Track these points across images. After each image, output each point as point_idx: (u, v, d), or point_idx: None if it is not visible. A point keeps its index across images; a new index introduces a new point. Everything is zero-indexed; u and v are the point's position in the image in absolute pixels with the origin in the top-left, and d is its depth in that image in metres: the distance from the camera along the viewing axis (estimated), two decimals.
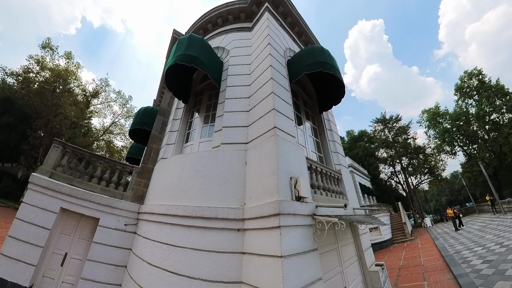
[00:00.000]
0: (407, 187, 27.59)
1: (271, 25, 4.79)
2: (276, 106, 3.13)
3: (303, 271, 2.16)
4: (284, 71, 4.17)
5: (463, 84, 25.71)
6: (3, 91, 12.69)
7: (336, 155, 5.33)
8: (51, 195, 3.94)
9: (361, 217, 3.67)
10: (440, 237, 12.95)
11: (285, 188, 2.46)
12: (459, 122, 25.15)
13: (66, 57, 16.31)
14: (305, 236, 2.42)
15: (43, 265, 3.70)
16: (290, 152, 2.86)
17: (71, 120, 13.33)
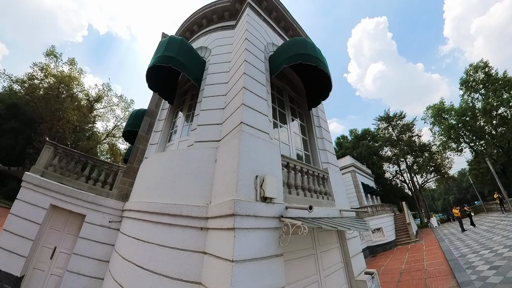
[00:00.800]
0: (413, 186, 26.84)
1: (251, 20, 4.80)
2: (246, 101, 3.13)
3: (259, 278, 2.03)
4: (263, 66, 4.15)
5: (468, 77, 24.59)
6: (10, 97, 13.91)
7: (324, 153, 5.18)
8: (42, 192, 4.26)
9: (339, 220, 3.35)
10: (445, 238, 12.41)
11: (247, 187, 2.41)
12: (465, 117, 24.08)
13: (70, 64, 17.51)
14: (268, 240, 2.31)
15: (34, 258, 3.97)
16: (259, 149, 2.81)
17: (74, 124, 14.32)
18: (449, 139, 25.16)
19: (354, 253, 4.26)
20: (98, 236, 4.24)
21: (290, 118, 5.06)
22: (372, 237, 14.82)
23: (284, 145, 4.38)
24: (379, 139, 28.07)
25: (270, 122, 3.47)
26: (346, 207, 4.74)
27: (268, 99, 3.77)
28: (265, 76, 4.04)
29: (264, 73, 4.08)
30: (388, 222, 15.60)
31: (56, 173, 4.69)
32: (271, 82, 4.75)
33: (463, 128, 24.44)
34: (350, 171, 19.33)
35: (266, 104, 3.53)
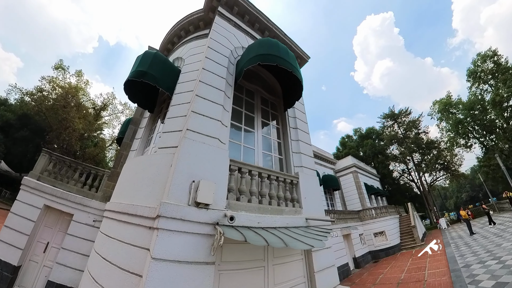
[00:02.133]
0: (421, 186, 25.75)
1: (217, 28, 5.09)
2: (195, 108, 3.38)
3: (181, 282, 2.15)
4: (224, 71, 4.36)
5: (476, 68, 22.99)
6: (21, 108, 15.72)
7: (298, 156, 5.10)
8: (37, 194, 4.94)
9: (289, 232, 3.08)
10: (452, 242, 11.77)
11: (181, 191, 2.60)
12: (474, 111, 22.52)
13: (77, 75, 19.29)
14: (197, 245, 2.38)
15: (30, 251, 4.61)
16: (202, 155, 2.98)
17: (79, 132, 15.78)
18: (457, 135, 23.78)
19: (321, 267, 3.93)
20: (83, 233, 4.88)
21: (260, 121, 5.19)
22: (374, 241, 14.41)
23: (249, 149, 4.50)
24: (384, 138, 27.25)
25: (225, 127, 3.71)
26: (318, 215, 4.49)
27: (225, 104, 3.98)
28: (225, 81, 4.24)
29: (225, 78, 4.28)
30: (392, 225, 15.12)
31: (50, 177, 5.48)
32: (240, 85, 5.09)
33: (472, 123, 22.87)
34: (352, 172, 18.95)
35: (222, 109, 3.75)
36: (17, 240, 4.55)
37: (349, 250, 12.59)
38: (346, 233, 12.45)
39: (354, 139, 31.43)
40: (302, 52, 7.54)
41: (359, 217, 15.20)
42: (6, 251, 4.44)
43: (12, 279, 4.27)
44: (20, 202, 4.91)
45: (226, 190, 3.07)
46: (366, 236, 14.62)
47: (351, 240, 12.87)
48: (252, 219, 3.02)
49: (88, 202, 5.16)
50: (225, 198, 2.99)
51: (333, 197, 18.07)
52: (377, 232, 14.66)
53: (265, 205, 3.62)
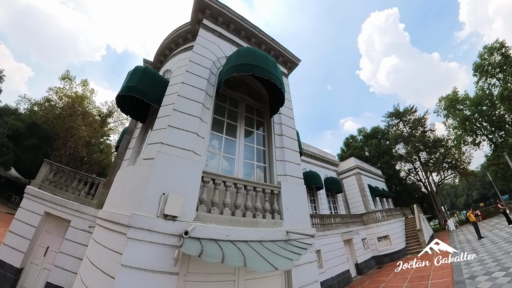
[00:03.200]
0: (429, 185, 25.00)
1: (200, 40, 5.35)
2: (171, 123, 3.65)
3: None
4: (204, 83, 4.59)
5: (483, 62, 22.05)
6: (30, 117, 17.02)
7: (282, 164, 5.04)
8: (38, 202, 5.42)
9: (261, 248, 3.02)
10: (459, 247, 11.36)
11: (151, 203, 2.84)
12: (481, 107, 21.61)
13: (82, 85, 20.51)
14: (162, 255, 2.55)
15: (32, 255, 5.09)
16: (174, 168, 3.20)
17: (85, 139, 16.80)
18: (465, 132, 22.88)
19: (301, 283, 3.73)
20: (79, 238, 5.32)
21: (243, 129, 5.32)
22: (378, 245, 14.18)
23: (229, 159, 4.64)
24: (389, 137, 26.73)
25: (201, 138, 3.93)
26: (302, 227, 4.34)
27: (203, 115, 4.21)
28: (204, 93, 4.47)
29: (204, 90, 4.52)
30: (397, 228, 14.83)
31: (50, 186, 6.00)
32: (223, 94, 5.34)
33: (480, 119, 21.97)
34: (355, 174, 18.68)
35: (199, 121, 3.98)
36: (20, 244, 5.06)
37: (350, 256, 12.43)
38: (348, 238, 12.28)
39: (359, 139, 30.97)
40: (291, 56, 7.67)
41: (362, 220, 14.98)
42: (10, 254, 4.95)
43: (15, 280, 4.76)
44: (23, 209, 5.45)
45: (197, 202, 3.23)
46: (369, 240, 14.43)
47: (353, 245, 12.70)
48: (221, 232, 3.09)
49: (84, 209, 5.62)
50: (194, 210, 3.13)
51: (336, 200, 17.91)
52: (381, 236, 14.42)
53: (238, 217, 3.59)
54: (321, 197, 15.93)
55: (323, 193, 16.38)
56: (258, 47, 6.97)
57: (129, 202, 3.65)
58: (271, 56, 7.16)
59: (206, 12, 6.05)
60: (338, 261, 10.60)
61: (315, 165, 17.27)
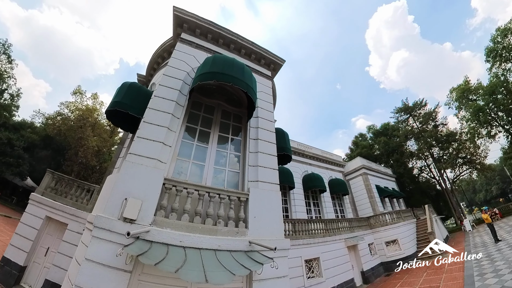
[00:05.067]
0: (443, 183, 23.61)
1: (176, 54, 5.85)
2: (139, 134, 4.13)
3: (102, 281, 2.78)
4: (175, 95, 5.01)
5: (496, 45, 20.28)
6: (44, 130, 19.09)
7: (255, 170, 5.04)
8: (40, 207, 6.29)
9: (210, 258, 3.13)
10: (474, 251, 10.71)
11: (115, 207, 3.30)
12: (496, 95, 19.95)
13: (93, 98, 22.48)
14: (121, 255, 2.91)
15: (34, 254, 5.95)
16: (138, 175, 3.62)
17: (94, 149, 18.40)
18: (478, 124, 21.33)
19: None
20: (75, 240, 6.02)
21: (217, 135, 5.65)
22: (386, 251, 13.61)
23: (198, 165, 4.94)
24: (398, 134, 25.65)
25: (168, 147, 4.35)
26: (272, 237, 4.23)
27: (172, 125, 4.62)
28: (175, 103, 4.91)
29: (175, 101, 4.95)
30: (406, 231, 14.23)
31: (52, 192, 6.86)
32: (198, 102, 5.79)
33: (495, 108, 20.36)
34: (361, 174, 18.16)
35: (166, 131, 4.40)
36: (24, 244, 5.91)
37: (356, 263, 12.04)
38: (352, 244, 11.74)
39: (368, 137, 30.02)
40: (274, 57, 7.86)
41: (369, 224, 14.48)
42: (15, 253, 5.81)
43: (19, 276, 5.55)
44: (28, 213, 6.33)
45: (155, 208, 3.59)
46: (377, 245, 13.88)
47: (358, 251, 12.28)
48: (175, 237, 3.30)
49: (80, 213, 6.36)
50: (152, 215, 3.47)
51: (343, 202, 17.54)
52: (389, 240, 13.86)
53: (196, 224, 3.70)
54: (325, 200, 15.66)
55: (328, 196, 16.09)
56: (238, 52, 7.35)
57: (104, 205, 4.21)
58: (252, 59, 7.63)
59: (184, 26, 6.60)
60: (341, 269, 10.26)
61: (318, 167, 17.09)
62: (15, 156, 16.07)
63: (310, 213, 14.59)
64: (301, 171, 15.45)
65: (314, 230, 10.49)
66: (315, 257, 9.43)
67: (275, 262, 3.71)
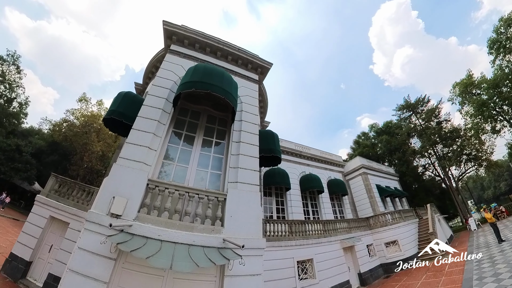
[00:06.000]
0: (448, 181, 23.29)
1: (165, 65, 6.45)
2: (129, 139, 4.69)
3: (90, 265, 3.32)
4: (162, 103, 5.55)
5: (499, 36, 19.78)
6: (51, 136, 20.31)
7: (235, 171, 5.35)
8: (45, 208, 7.03)
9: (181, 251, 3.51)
10: (476, 252, 10.33)
11: (104, 204, 3.85)
12: (501, 88, 19.52)
13: (98, 104, 23.67)
14: (105, 243, 3.46)
15: (39, 251, 6.69)
16: (125, 177, 4.15)
17: (98, 154, 19.40)
18: (482, 119, 20.98)
19: None
20: (75, 237, 6.63)
21: (201, 139, 6.18)
22: (386, 252, 13.47)
23: (182, 167, 5.45)
24: (400, 132, 25.60)
25: (153, 151, 4.89)
26: (248, 236, 4.48)
27: (157, 131, 5.18)
28: (161, 111, 5.47)
29: (161, 108, 5.52)
30: (407, 232, 14.16)
31: (55, 194, 7.59)
32: (185, 108, 6.36)
33: (501, 102, 19.95)
34: (361, 174, 18.21)
35: (152, 136, 4.96)
36: (30, 241, 6.63)
37: (353, 265, 12.01)
38: (348, 245, 11.71)
39: (371, 136, 29.99)
40: (261, 61, 8.32)
41: (368, 224, 14.47)
42: (22, 249, 6.54)
43: (25, 271, 6.25)
44: (33, 213, 7.07)
45: (139, 205, 4.14)
46: (376, 246, 13.83)
47: (355, 252, 12.23)
48: (154, 232, 3.81)
49: (80, 213, 7.02)
50: (136, 211, 4.03)
51: (342, 203, 17.69)
52: (388, 241, 13.77)
53: (175, 221, 4.14)
54: (323, 201, 15.79)
55: (326, 197, 16.22)
56: (225, 59, 7.90)
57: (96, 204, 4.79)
58: (239, 65, 8.16)
59: (173, 37, 7.23)
60: (336, 271, 10.29)
61: (316, 168, 17.32)
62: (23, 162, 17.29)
63: (307, 214, 14.73)
64: (299, 172, 15.73)
65: (310, 231, 10.59)
66: (309, 258, 9.58)
67: (242, 260, 4.02)
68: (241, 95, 7.18)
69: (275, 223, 9.64)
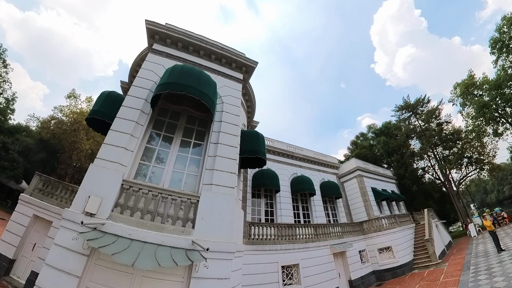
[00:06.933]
0: (448, 184, 23.67)
1: (146, 65, 6.79)
2: (106, 140, 5.07)
3: (66, 261, 3.75)
4: (141, 103, 5.90)
5: (502, 36, 19.92)
6: (39, 134, 20.75)
7: (210, 173, 5.59)
8: (28, 206, 7.49)
9: (136, 248, 3.79)
10: (474, 262, 10.43)
11: (81, 203, 4.28)
12: (503, 89, 19.75)
13: (87, 101, 24.04)
14: (79, 240, 3.87)
15: (22, 249, 7.20)
16: (101, 177, 4.54)
17: (87, 152, 19.87)
18: (484, 122, 21.27)
19: None
20: None
21: (180, 140, 6.55)
22: (379, 258, 13.43)
23: (159, 168, 5.85)
24: (399, 133, 25.99)
25: (130, 151, 5.28)
26: (220, 238, 4.70)
27: (135, 132, 5.55)
28: (139, 112, 5.83)
29: (140, 109, 5.87)
30: (402, 238, 14.22)
31: (39, 193, 8.08)
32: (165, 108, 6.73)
33: (503, 104, 20.24)
34: (356, 176, 18.54)
35: (129, 137, 5.33)
36: (13, 240, 7.13)
37: (344, 271, 11.97)
38: (339, 251, 11.69)
39: (369, 137, 30.45)
40: (245, 60, 8.58)
41: (362, 229, 14.62)
42: (5, 248, 7.05)
43: (8, 268, 6.74)
44: (17, 212, 7.55)
45: (113, 205, 4.55)
46: (369, 252, 13.90)
47: (346, 258, 12.18)
48: (125, 230, 4.17)
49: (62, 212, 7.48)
50: (110, 211, 4.42)
51: (336, 206, 18.03)
52: (382, 247, 13.77)
53: (146, 221, 4.48)
54: (315, 204, 16.01)
55: (319, 200, 16.44)
56: (208, 58, 8.20)
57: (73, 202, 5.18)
58: (223, 64, 8.50)
59: (156, 37, 7.61)
60: (324, 277, 10.25)
61: (309, 169, 17.66)
62: (10, 160, 17.74)
63: (298, 217, 15.01)
64: (290, 173, 16.08)
65: (298, 235, 10.58)
66: (294, 264, 9.60)
67: (207, 262, 4.31)
68: (223, 95, 7.51)
69: (261, 226, 9.79)
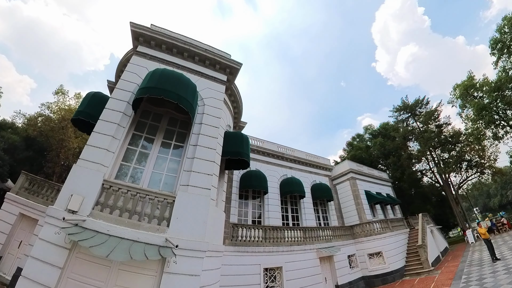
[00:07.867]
0: (447, 188, 24.31)
1: (130, 67, 7.34)
2: (89, 142, 5.69)
3: (49, 253, 4.26)
4: (123, 106, 6.43)
5: (502, 36, 20.36)
6: (26, 131, 21.26)
7: (187, 175, 6.10)
8: (14, 205, 8.14)
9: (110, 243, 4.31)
10: (466, 272, 10.60)
11: (64, 201, 4.86)
12: (504, 91, 20.30)
13: (76, 98, 24.54)
14: (62, 235, 4.41)
15: (9, 247, 7.85)
16: (83, 177, 5.13)
17: (75, 150, 20.45)
18: (484, 124, 21.89)
19: None
20: None
21: (160, 142, 7.16)
22: (369, 264, 13.68)
23: (139, 169, 6.45)
24: (396, 134, 26.60)
25: (111, 153, 5.87)
26: (193, 238, 5.25)
27: (116, 133, 6.12)
28: (121, 114, 6.37)
29: (122, 112, 6.42)
30: (394, 243, 14.52)
31: (25, 192, 8.72)
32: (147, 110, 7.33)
33: (503, 106, 20.83)
34: (349, 179, 19.03)
35: (111, 139, 5.91)
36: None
37: (331, 276, 12.20)
38: (325, 255, 11.94)
39: (366, 138, 31.09)
40: (229, 61, 9.08)
41: (353, 233, 14.91)
42: None
43: None
44: (3, 210, 8.17)
45: (94, 203, 5.15)
46: (358, 257, 14.16)
47: (333, 263, 12.43)
48: (104, 227, 4.73)
49: None
50: (91, 208, 4.99)
51: (327, 209, 18.49)
52: (372, 253, 14.03)
53: (124, 218, 5.05)
54: (305, 206, 16.40)
55: (309, 202, 16.81)
56: (192, 59, 8.74)
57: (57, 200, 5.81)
58: (206, 65, 9.11)
59: (140, 39, 8.19)
60: (309, 281, 10.52)
61: (300, 171, 18.02)
62: None
63: (286, 220, 15.42)
64: (280, 175, 16.63)
65: (283, 238, 10.91)
66: (277, 266, 9.91)
67: (176, 258, 4.84)
68: (205, 97, 8.09)
69: (247, 228, 10.27)
